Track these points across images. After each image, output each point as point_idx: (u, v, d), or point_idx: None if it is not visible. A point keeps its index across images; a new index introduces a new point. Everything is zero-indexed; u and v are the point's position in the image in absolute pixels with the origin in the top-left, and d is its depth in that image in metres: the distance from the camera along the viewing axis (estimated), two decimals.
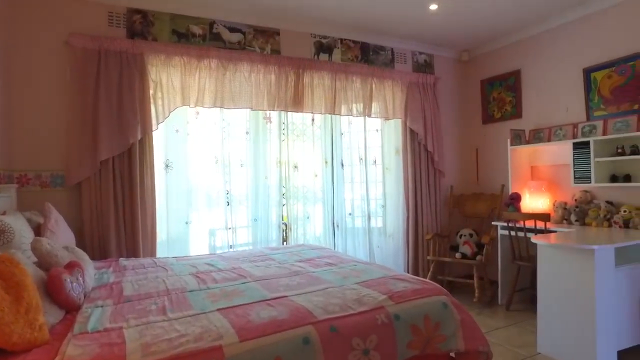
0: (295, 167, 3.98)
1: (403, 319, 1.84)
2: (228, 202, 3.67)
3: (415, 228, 4.42)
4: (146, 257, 3.05)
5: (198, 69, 3.41)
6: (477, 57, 4.83)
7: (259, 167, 3.79)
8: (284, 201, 3.98)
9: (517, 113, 4.39)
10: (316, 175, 4.09)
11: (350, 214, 4.28)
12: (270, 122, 3.86)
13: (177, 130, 3.49)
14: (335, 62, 4.09)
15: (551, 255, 2.88)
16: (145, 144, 3.24)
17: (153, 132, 3.28)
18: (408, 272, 4.35)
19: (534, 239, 2.94)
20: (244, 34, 3.69)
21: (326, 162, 4.12)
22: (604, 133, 3.56)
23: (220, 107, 3.52)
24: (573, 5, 3.71)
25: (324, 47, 4.06)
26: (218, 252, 3.56)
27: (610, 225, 3.45)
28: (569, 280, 2.75)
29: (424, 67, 4.66)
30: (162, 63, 3.32)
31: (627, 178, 3.41)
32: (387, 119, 4.34)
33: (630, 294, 2.80)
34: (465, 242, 4.23)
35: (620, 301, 2.74)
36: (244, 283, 2.23)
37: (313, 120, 4.06)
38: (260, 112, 3.77)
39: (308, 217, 4.07)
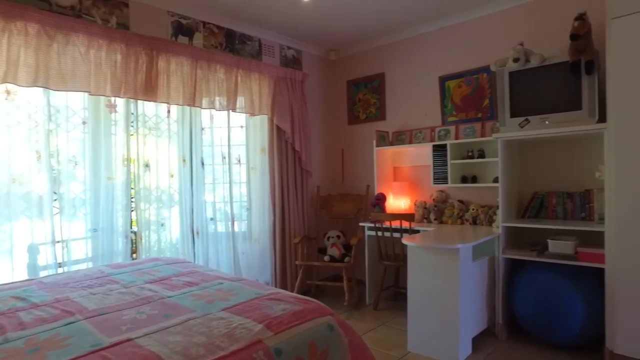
0: (147, 165, 3.32)
1: (286, 352, 1.48)
2: (57, 209, 2.85)
3: (282, 231, 4.13)
4: None
5: (7, 33, 2.53)
6: (344, 57, 4.76)
7: (99, 166, 3.03)
8: (134, 205, 3.29)
9: (381, 115, 4.43)
10: (172, 176, 3.48)
11: (212, 219, 3.77)
12: (116, 111, 3.13)
13: None
14: (197, 47, 3.54)
15: (420, 255, 2.88)
16: None
17: None
18: (276, 279, 4.04)
19: (405, 240, 2.90)
20: None
21: (184, 161, 3.54)
22: (456, 137, 3.75)
23: (45, 87, 2.68)
24: (432, 18, 3.83)
25: (183, 29, 3.48)
26: (42, 274, 2.73)
27: (462, 223, 3.64)
28: (436, 278, 2.79)
29: (293, 62, 4.40)
30: None
31: (475, 179, 3.64)
32: (253, 114, 3.95)
33: (481, 285, 2.97)
34: (333, 245, 4.09)
35: (475, 292, 2.88)
36: (70, 324, 1.60)
37: (169, 112, 3.44)
38: (102, 98, 3.01)
39: (163, 224, 3.45)
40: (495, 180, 3.37)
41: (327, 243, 4.15)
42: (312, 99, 4.60)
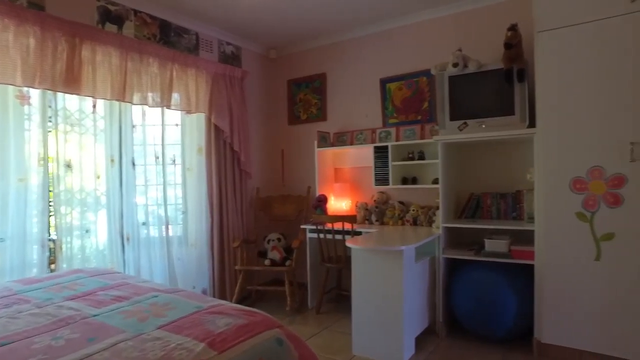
0: (69, 165, 2.95)
1: None
2: None
3: (220, 235, 3.91)
4: None
5: None
6: (285, 56, 4.63)
7: (8, 165, 2.64)
8: (53, 209, 2.92)
9: (322, 115, 4.35)
10: (99, 177, 3.14)
11: (144, 223, 3.46)
12: (30, 104, 2.75)
13: None
14: (128, 37, 3.22)
15: (364, 258, 2.83)
16: None
17: None
18: (214, 285, 3.81)
19: (349, 243, 2.84)
20: None
21: (112, 161, 3.21)
22: (397, 139, 3.77)
23: None
24: (372, 21, 3.82)
25: (111, 16, 3.15)
26: None
27: (403, 224, 3.67)
28: (380, 280, 2.76)
29: (232, 59, 4.19)
30: None
31: (415, 180, 3.69)
32: (189, 112, 3.69)
33: (423, 285, 2.99)
34: (274, 248, 3.94)
35: (417, 292, 2.89)
36: None
37: (95, 107, 3.10)
38: (10, 88, 2.62)
39: (88, 230, 3.09)
40: (435, 181, 3.43)
41: (267, 246, 3.99)
42: (252, 98, 4.41)
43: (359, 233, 3.49)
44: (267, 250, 3.97)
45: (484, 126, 2.95)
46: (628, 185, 2.42)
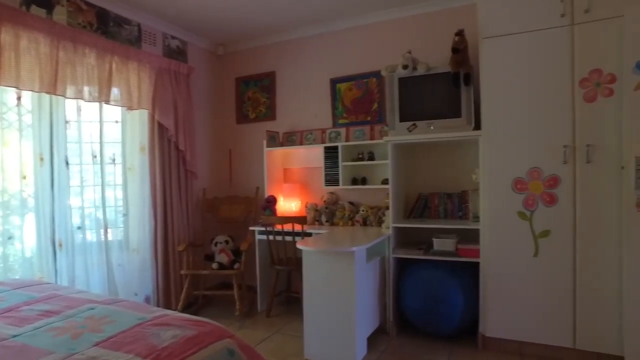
0: None
1: None
2: None
3: (164, 238, 3.68)
4: None
5: None
6: (233, 52, 4.46)
7: None
8: None
9: (271, 115, 4.25)
10: (25, 177, 2.83)
11: (79, 227, 3.17)
12: None
13: None
14: (59, 23, 2.92)
15: (316, 260, 2.77)
16: None
17: None
18: (159, 292, 3.58)
19: (300, 245, 2.77)
20: None
21: (42, 159, 2.90)
22: (347, 139, 3.76)
23: None
24: (324, 19, 3.78)
25: None
26: None
27: (353, 224, 3.65)
28: (331, 282, 2.71)
29: (177, 53, 3.97)
30: None
31: (364, 181, 3.69)
32: (130, 108, 3.44)
33: (374, 285, 2.98)
34: (221, 250, 3.78)
35: (369, 292, 2.88)
36: None
37: (20, 99, 2.78)
38: None
39: (11, 236, 2.78)
40: (384, 181, 3.45)
41: (214, 249, 3.82)
42: (198, 95, 4.21)
43: (310, 234, 3.43)
44: (214, 253, 3.80)
45: (432, 128, 2.99)
46: (562, 185, 2.55)
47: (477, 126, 2.85)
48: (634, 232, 2.32)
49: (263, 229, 3.56)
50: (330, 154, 3.61)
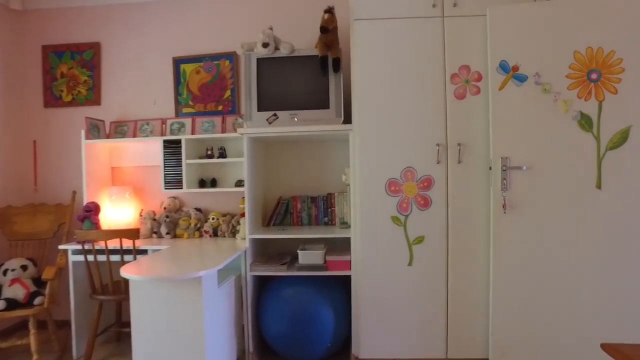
0: None
1: None
2: None
3: None
4: None
5: None
6: (38, 11, 3.25)
7: None
8: None
9: (94, 98, 3.21)
10: None
11: None
12: None
13: None
14: None
15: (149, 289, 2.01)
16: None
17: None
18: None
19: (124, 271, 1.96)
20: None
21: None
22: (193, 132, 3.04)
23: None
24: None
25: None
26: None
27: (201, 235, 2.95)
28: (172, 315, 2.00)
29: None
30: None
31: (214, 183, 3.03)
32: None
33: (229, 311, 2.36)
34: (14, 281, 2.65)
35: (222, 322, 2.26)
36: None
37: None
38: None
39: None
40: (238, 183, 2.85)
41: (3, 280, 2.67)
42: None
43: (145, 252, 2.61)
44: (1, 286, 2.65)
45: (296, 119, 2.49)
46: (435, 187, 2.32)
47: (347, 119, 2.44)
48: (501, 233, 2.19)
49: (79, 247, 2.59)
50: (172, 149, 2.83)
